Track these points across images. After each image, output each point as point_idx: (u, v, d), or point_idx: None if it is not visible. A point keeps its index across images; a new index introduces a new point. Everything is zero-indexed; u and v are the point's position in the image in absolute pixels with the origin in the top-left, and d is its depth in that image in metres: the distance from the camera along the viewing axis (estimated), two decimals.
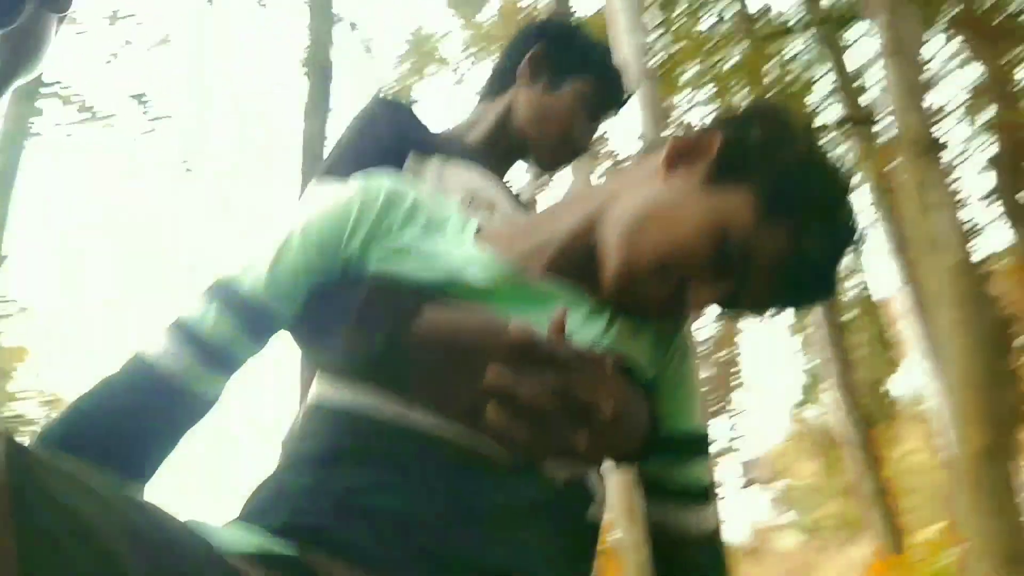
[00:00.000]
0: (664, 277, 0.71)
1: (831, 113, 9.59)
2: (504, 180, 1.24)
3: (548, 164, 1.31)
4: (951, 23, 7.83)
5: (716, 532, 0.82)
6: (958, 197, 9.87)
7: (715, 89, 9.02)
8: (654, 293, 0.72)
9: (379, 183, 0.78)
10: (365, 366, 0.68)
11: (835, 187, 0.74)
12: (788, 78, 10.07)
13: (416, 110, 1.21)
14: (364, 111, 1.16)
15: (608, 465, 0.77)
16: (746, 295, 0.74)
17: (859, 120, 7.39)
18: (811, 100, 10.18)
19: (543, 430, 0.56)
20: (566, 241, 0.75)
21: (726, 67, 9.11)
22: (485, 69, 10.58)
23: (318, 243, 0.75)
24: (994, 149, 7.80)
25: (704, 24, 9.10)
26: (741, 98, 9.41)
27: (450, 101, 11.04)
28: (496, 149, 1.24)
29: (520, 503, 0.64)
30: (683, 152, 0.74)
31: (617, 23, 4.09)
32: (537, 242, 0.77)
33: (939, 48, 9.40)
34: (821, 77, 9.68)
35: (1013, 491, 4.72)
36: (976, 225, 9.66)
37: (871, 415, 11.24)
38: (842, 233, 0.74)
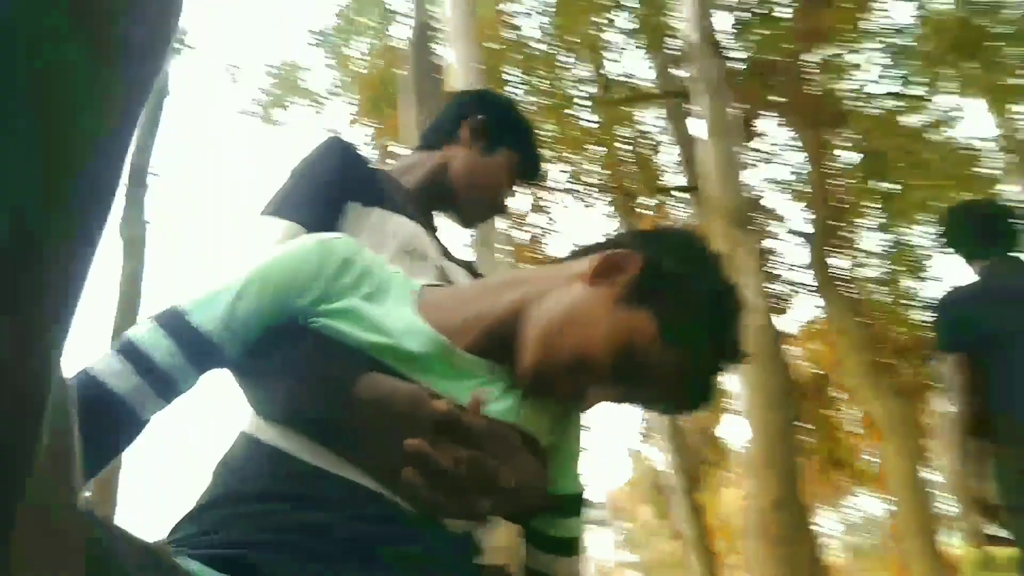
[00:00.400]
0: (571, 378, 0.82)
1: (679, 178, 10.29)
2: (433, 227, 1.35)
3: (469, 219, 1.43)
4: (779, 108, 8.64)
5: None
6: (776, 264, 10.75)
7: (569, 147, 9.41)
8: (560, 389, 0.83)
9: (335, 245, 0.84)
10: (301, 419, 0.75)
11: (728, 321, 0.85)
12: (642, 142, 10.70)
13: (362, 152, 1.28)
14: (316, 151, 1.22)
15: (499, 519, 0.87)
16: (639, 399, 0.87)
17: (692, 188, 7.96)
18: (662, 164, 10.87)
19: (451, 494, 0.67)
20: (492, 324, 0.84)
21: (582, 127, 9.54)
22: (346, 103, 10.61)
23: (273, 293, 0.80)
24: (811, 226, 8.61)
25: (562, 84, 9.53)
26: (594, 158, 9.88)
27: (311, 131, 10.95)
28: (427, 198, 1.35)
29: (423, 550, 0.73)
30: (607, 269, 0.85)
31: (457, 75, 4.23)
32: (467, 317, 0.85)
33: (772, 128, 10.33)
34: (670, 144, 10.36)
35: (802, 541, 5.12)
36: (796, 290, 10.60)
37: (701, 460, 11.89)
38: (728, 359, 0.85)
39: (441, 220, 1.47)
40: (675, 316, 0.82)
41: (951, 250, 2.43)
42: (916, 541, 6.96)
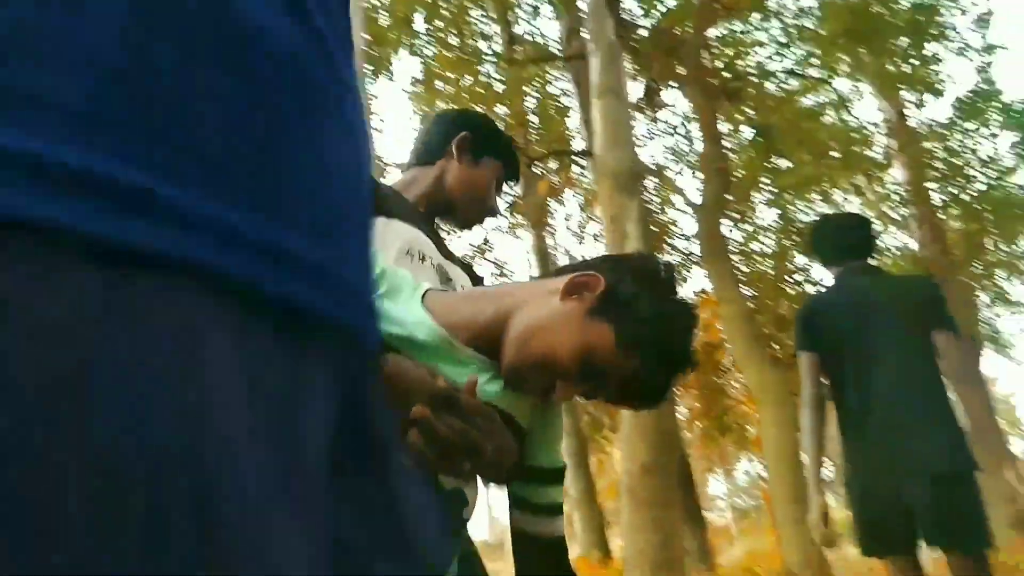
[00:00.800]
0: (541, 376, 0.98)
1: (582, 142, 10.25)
2: (435, 231, 1.51)
3: (466, 223, 1.61)
4: (678, 79, 8.68)
5: (562, 538, 1.09)
6: (676, 234, 10.93)
7: (474, 104, 9.20)
8: (531, 384, 0.99)
9: None
10: None
11: (676, 334, 1.01)
12: (548, 104, 10.60)
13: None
14: None
15: (483, 482, 1.04)
16: (600, 395, 1.03)
17: (591, 152, 7.93)
18: (569, 127, 10.82)
19: (442, 455, 0.83)
20: (483, 327, 1.01)
21: (487, 83, 9.35)
22: None
23: None
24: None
25: (468, 40, 9.29)
26: (499, 116, 9.70)
27: None
28: (428, 207, 1.54)
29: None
30: (576, 287, 1.02)
31: None
32: (465, 317, 1.02)
33: (678, 99, 10.39)
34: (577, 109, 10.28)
35: (673, 504, 5.24)
36: (694, 261, 10.83)
37: (594, 422, 12.14)
38: (676, 368, 1.02)
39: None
40: (630, 329, 0.97)
41: (815, 257, 2.78)
42: (789, 506, 7.27)
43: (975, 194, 10.93)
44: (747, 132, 10.16)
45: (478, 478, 1.04)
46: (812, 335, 2.50)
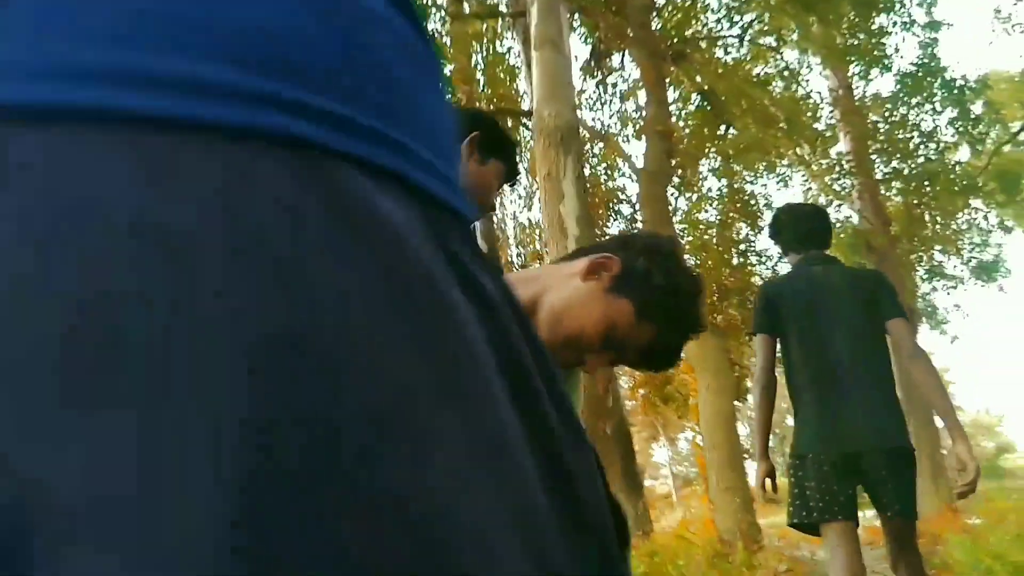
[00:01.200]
0: (571, 350, 1.09)
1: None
2: None
3: None
4: (628, 41, 8.49)
5: None
6: (615, 198, 10.81)
7: None
8: (562, 358, 1.09)
9: None
10: None
11: (686, 303, 1.12)
12: (496, 61, 10.31)
13: None
14: None
15: None
16: (624, 363, 1.15)
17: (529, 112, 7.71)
18: (518, 88, 10.55)
19: None
20: None
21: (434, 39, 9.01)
22: None
23: None
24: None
25: None
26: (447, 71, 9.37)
27: None
28: None
29: None
30: (595, 268, 1.11)
31: None
32: None
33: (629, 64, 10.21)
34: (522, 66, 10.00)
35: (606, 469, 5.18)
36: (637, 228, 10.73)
37: None
38: (688, 332, 1.14)
39: None
40: (646, 302, 1.08)
41: (776, 244, 2.94)
42: (723, 472, 7.30)
43: (915, 168, 11.04)
44: (696, 101, 10.04)
45: None
46: (770, 317, 2.64)
